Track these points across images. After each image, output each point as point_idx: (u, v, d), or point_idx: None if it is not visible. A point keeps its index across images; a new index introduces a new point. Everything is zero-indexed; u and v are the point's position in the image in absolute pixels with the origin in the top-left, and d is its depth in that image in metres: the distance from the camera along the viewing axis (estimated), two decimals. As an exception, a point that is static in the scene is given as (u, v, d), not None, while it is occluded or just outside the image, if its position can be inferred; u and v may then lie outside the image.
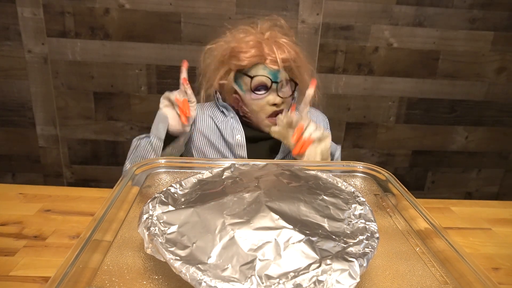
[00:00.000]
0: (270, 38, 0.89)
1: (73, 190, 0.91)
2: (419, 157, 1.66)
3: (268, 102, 0.90)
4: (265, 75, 0.88)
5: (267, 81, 0.89)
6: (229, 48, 0.89)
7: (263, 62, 0.88)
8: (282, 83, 0.90)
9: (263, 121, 0.92)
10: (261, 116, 0.92)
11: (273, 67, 0.88)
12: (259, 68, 0.89)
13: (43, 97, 1.46)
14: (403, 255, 0.47)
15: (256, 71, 0.89)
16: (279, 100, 0.89)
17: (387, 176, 0.68)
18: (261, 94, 0.89)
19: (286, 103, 0.93)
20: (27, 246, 0.69)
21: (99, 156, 1.57)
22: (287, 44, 0.90)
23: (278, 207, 0.45)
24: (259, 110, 0.91)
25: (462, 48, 1.50)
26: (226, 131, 0.94)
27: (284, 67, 0.89)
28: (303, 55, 0.93)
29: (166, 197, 0.50)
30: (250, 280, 0.36)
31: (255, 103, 0.91)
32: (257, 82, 0.89)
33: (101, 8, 1.37)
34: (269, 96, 0.90)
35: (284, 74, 0.90)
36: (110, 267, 0.42)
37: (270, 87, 0.89)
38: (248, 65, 0.89)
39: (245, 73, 0.90)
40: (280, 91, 0.90)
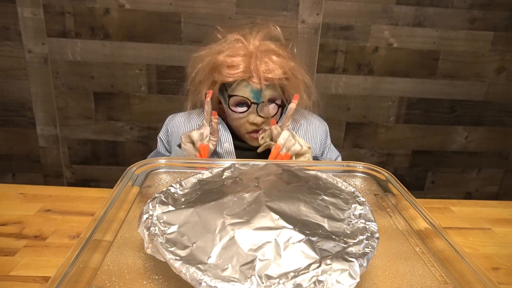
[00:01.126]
0: (259, 54, 0.84)
1: (73, 190, 0.91)
2: (419, 157, 1.66)
3: (248, 120, 0.88)
4: (245, 96, 0.85)
5: (246, 101, 0.86)
6: (216, 61, 0.85)
7: (247, 79, 0.84)
8: (264, 103, 0.86)
9: (244, 135, 0.91)
10: (241, 131, 0.91)
11: (256, 86, 0.84)
12: (242, 85, 0.85)
13: (43, 97, 1.46)
14: (403, 255, 0.47)
15: (237, 89, 0.85)
16: (258, 120, 0.87)
17: (387, 176, 0.68)
18: (241, 112, 0.87)
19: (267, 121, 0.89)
20: (27, 246, 0.69)
21: (99, 156, 1.57)
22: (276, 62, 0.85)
23: (278, 207, 0.45)
24: (239, 126, 0.90)
25: (462, 48, 1.50)
26: None
27: (269, 85, 0.85)
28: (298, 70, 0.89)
29: (166, 197, 0.50)
30: (250, 280, 0.36)
31: (235, 119, 0.89)
32: (237, 100, 0.86)
33: (101, 8, 1.37)
34: (249, 115, 0.87)
35: (269, 93, 0.86)
36: (110, 267, 0.42)
37: (250, 106, 0.86)
38: (232, 81, 0.85)
39: (226, 89, 0.87)
40: (260, 111, 0.87)
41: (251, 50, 0.85)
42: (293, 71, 0.88)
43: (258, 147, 0.91)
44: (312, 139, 0.97)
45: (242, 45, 0.86)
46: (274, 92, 0.87)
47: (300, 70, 0.90)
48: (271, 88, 0.86)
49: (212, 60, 0.86)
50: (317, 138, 0.98)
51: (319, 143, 0.99)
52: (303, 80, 0.90)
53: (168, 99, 1.48)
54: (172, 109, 1.50)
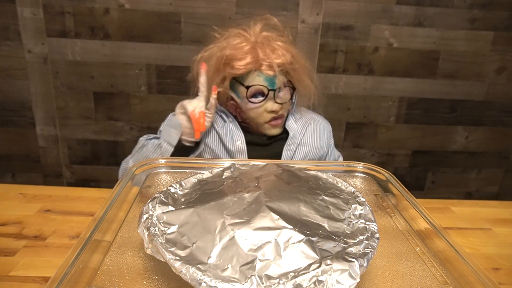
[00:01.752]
0: (264, 42, 0.86)
1: (73, 190, 0.91)
2: (419, 157, 1.66)
3: (266, 109, 0.88)
4: (261, 84, 0.86)
5: (263, 89, 0.87)
6: (223, 56, 0.86)
7: (259, 68, 0.85)
8: (279, 88, 0.88)
9: (262, 126, 0.91)
10: (260, 122, 0.91)
11: (269, 73, 0.86)
12: (255, 75, 0.86)
13: (43, 97, 1.46)
14: (403, 255, 0.47)
15: (251, 79, 0.86)
16: (277, 107, 0.88)
17: (387, 176, 0.68)
18: (258, 101, 0.88)
19: (285, 107, 0.91)
20: (27, 246, 0.69)
21: (99, 156, 1.57)
22: (282, 47, 0.87)
23: (278, 207, 0.45)
24: (257, 117, 0.90)
25: (462, 48, 1.50)
26: (226, 137, 0.92)
27: (280, 71, 0.87)
28: (299, 55, 0.91)
29: (166, 197, 0.50)
30: (250, 280, 0.36)
31: (253, 110, 0.89)
32: (253, 91, 0.87)
33: (101, 8, 1.37)
34: (267, 103, 0.88)
35: (281, 79, 0.88)
36: (110, 267, 0.42)
37: (267, 95, 0.87)
38: (242, 73, 0.86)
39: (241, 82, 0.87)
40: (277, 97, 0.88)
41: (254, 40, 0.87)
42: (296, 56, 0.90)
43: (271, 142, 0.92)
44: (319, 138, 0.99)
45: (244, 37, 0.87)
46: (285, 78, 0.89)
47: (302, 55, 0.92)
48: (282, 74, 0.88)
49: (219, 57, 0.87)
50: (324, 137, 1.00)
51: (326, 142, 1.00)
52: (305, 65, 0.92)
53: (168, 99, 1.48)
54: (172, 109, 1.49)
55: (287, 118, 0.96)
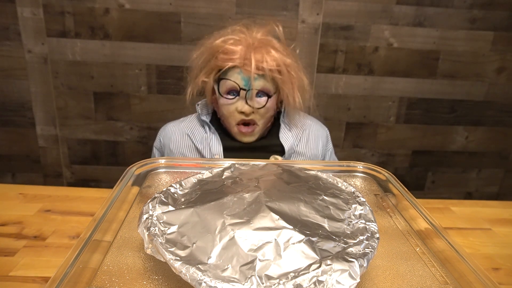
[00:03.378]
0: (259, 45, 0.84)
1: (73, 190, 0.91)
2: (419, 157, 1.66)
3: (237, 108, 0.87)
4: (235, 80, 0.85)
5: (235, 87, 0.85)
6: (215, 47, 0.86)
7: (241, 66, 0.84)
8: (254, 91, 0.85)
9: (233, 128, 0.90)
10: (231, 122, 0.89)
11: (248, 74, 0.84)
12: (235, 72, 0.85)
13: (43, 97, 1.46)
14: (403, 255, 0.47)
15: (229, 74, 0.85)
16: (246, 109, 0.86)
17: (387, 176, 0.68)
18: (230, 98, 0.87)
19: (259, 115, 0.88)
20: (27, 246, 0.69)
21: (99, 156, 1.57)
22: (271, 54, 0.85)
23: (278, 207, 0.45)
24: (228, 115, 0.88)
25: (462, 48, 1.50)
26: (205, 150, 0.90)
27: (261, 75, 0.84)
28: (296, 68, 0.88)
29: (166, 197, 0.50)
30: (250, 281, 0.36)
31: (225, 107, 0.88)
32: (227, 86, 0.86)
33: (101, 8, 1.37)
34: (237, 102, 0.86)
35: (260, 83, 0.85)
36: (110, 267, 0.42)
37: (239, 93, 0.86)
38: (224, 66, 0.85)
39: (220, 76, 0.87)
40: (250, 99, 0.86)
41: (250, 40, 0.85)
42: (288, 67, 0.87)
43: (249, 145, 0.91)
44: (314, 145, 0.96)
45: (243, 35, 0.86)
46: (266, 84, 0.86)
47: (296, 69, 0.89)
48: (263, 79, 0.86)
49: (211, 46, 0.87)
50: (319, 143, 0.98)
51: (321, 149, 0.98)
52: (298, 80, 0.89)
53: (168, 99, 1.48)
54: (172, 109, 1.50)
55: (280, 129, 0.94)
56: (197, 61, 0.90)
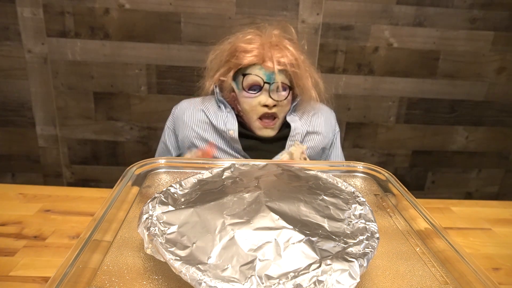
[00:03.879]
0: (274, 42, 0.90)
1: (73, 190, 0.90)
2: (419, 157, 1.66)
3: (260, 102, 0.90)
4: (258, 75, 0.89)
5: (259, 81, 0.89)
6: (233, 47, 0.91)
7: (261, 63, 0.89)
8: (276, 85, 0.90)
9: (254, 122, 0.93)
10: (253, 116, 0.92)
11: (269, 68, 0.89)
12: (256, 68, 0.90)
13: (43, 97, 1.46)
14: (403, 255, 0.47)
15: (251, 71, 0.90)
16: (270, 102, 0.90)
17: (387, 176, 0.68)
18: (253, 93, 0.90)
19: (281, 108, 0.92)
20: (27, 246, 0.69)
21: (99, 156, 1.57)
22: (289, 49, 0.90)
23: (278, 207, 0.45)
24: (250, 110, 0.92)
25: (462, 48, 1.50)
26: (220, 124, 0.93)
27: (281, 70, 0.89)
28: (307, 64, 0.93)
29: (166, 197, 0.50)
30: (250, 280, 0.36)
31: (247, 102, 0.91)
32: (250, 81, 0.90)
33: (101, 8, 1.37)
34: (260, 96, 0.90)
35: (281, 77, 0.90)
36: (110, 267, 0.42)
37: (263, 88, 0.90)
38: (246, 64, 0.89)
39: (242, 72, 0.91)
40: (272, 93, 0.90)
41: (266, 39, 0.90)
42: (303, 63, 0.92)
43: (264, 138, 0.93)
44: (325, 124, 1.00)
45: (258, 36, 0.92)
46: (285, 79, 0.91)
47: (309, 65, 0.94)
48: (283, 74, 0.90)
49: (229, 47, 0.92)
50: (328, 123, 1.02)
51: (331, 130, 1.02)
52: (312, 75, 0.94)
53: (168, 99, 1.48)
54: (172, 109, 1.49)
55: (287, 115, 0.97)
56: (215, 62, 0.95)
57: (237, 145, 0.92)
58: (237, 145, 0.92)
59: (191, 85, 1.47)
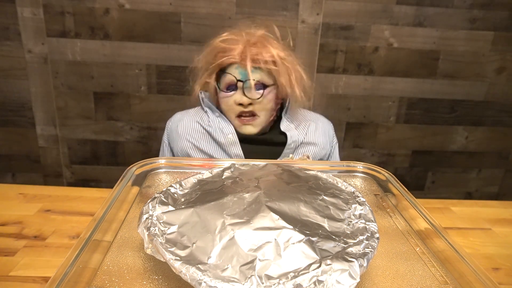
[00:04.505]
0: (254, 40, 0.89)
1: (73, 190, 0.90)
2: (419, 157, 1.66)
3: (235, 101, 0.90)
4: (233, 74, 0.88)
5: (233, 80, 0.89)
6: (214, 49, 0.90)
7: (239, 62, 0.88)
8: (252, 82, 0.88)
9: (234, 121, 0.92)
10: (231, 115, 0.92)
11: (244, 66, 0.87)
12: (233, 67, 0.89)
13: (43, 97, 1.46)
14: (403, 255, 0.47)
15: (228, 70, 0.89)
16: (245, 100, 0.88)
17: (387, 176, 0.68)
18: (229, 92, 0.90)
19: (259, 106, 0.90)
20: (27, 246, 0.69)
21: (99, 156, 1.57)
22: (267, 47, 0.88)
23: (278, 207, 0.45)
24: (228, 109, 0.91)
25: (462, 48, 1.50)
26: (216, 132, 0.92)
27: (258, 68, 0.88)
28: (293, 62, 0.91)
29: (166, 197, 0.50)
30: (250, 280, 0.36)
31: (224, 101, 0.91)
32: (226, 80, 0.90)
33: (101, 8, 1.37)
34: (235, 95, 0.90)
35: (257, 75, 0.88)
36: (110, 267, 0.42)
37: (237, 86, 0.89)
38: (224, 63, 0.89)
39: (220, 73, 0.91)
40: (247, 90, 0.88)
41: (247, 38, 0.89)
42: (283, 59, 0.90)
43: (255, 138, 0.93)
44: (323, 136, 0.99)
45: (239, 35, 0.91)
46: (263, 76, 0.89)
47: (293, 62, 0.91)
48: (260, 71, 0.89)
49: (210, 49, 0.91)
50: (326, 135, 1.00)
51: (329, 141, 1.01)
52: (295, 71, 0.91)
53: (168, 99, 1.48)
54: (172, 109, 1.49)
55: (281, 121, 0.95)
56: (200, 63, 0.94)
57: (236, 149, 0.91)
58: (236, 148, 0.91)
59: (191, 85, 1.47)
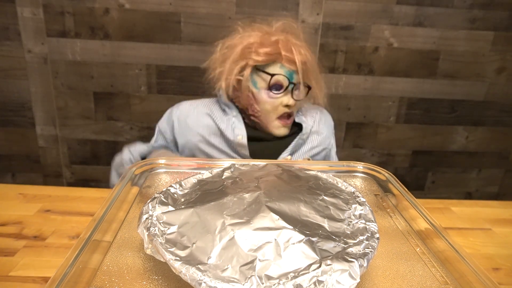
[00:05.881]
0: (285, 39, 0.88)
1: (73, 190, 0.90)
2: (419, 157, 1.66)
3: (282, 103, 0.89)
4: (283, 74, 0.87)
5: (284, 81, 0.88)
6: (247, 43, 0.88)
7: (280, 61, 0.87)
8: (297, 85, 0.89)
9: (273, 122, 0.91)
10: (272, 116, 0.91)
11: (290, 67, 0.87)
12: (276, 66, 0.87)
13: (43, 97, 1.46)
14: (403, 255, 0.47)
15: (274, 70, 0.87)
16: (292, 102, 0.89)
17: (387, 176, 0.68)
18: (277, 93, 0.89)
19: (296, 107, 0.93)
20: (27, 246, 0.69)
21: (99, 156, 1.57)
22: (302, 46, 0.89)
23: (278, 207, 0.45)
24: (272, 110, 0.90)
25: (462, 48, 1.50)
26: (228, 130, 0.92)
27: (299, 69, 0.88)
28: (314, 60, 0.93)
29: (166, 197, 0.50)
30: (250, 281, 0.36)
31: (269, 102, 0.89)
32: (275, 81, 0.88)
33: (101, 8, 1.37)
34: (284, 97, 0.89)
35: (299, 76, 0.89)
36: (110, 268, 0.42)
37: (286, 88, 0.88)
38: (265, 61, 0.87)
39: (263, 70, 0.88)
40: (294, 93, 0.89)
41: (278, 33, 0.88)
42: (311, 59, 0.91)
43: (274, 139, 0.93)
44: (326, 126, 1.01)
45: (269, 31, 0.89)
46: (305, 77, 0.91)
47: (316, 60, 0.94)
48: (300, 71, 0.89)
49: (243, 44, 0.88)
50: (329, 125, 1.03)
51: (330, 131, 1.03)
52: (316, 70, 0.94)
53: (168, 99, 1.48)
54: (172, 109, 1.50)
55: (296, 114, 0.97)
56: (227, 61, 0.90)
57: (244, 150, 0.91)
58: (244, 150, 0.91)
59: (191, 85, 1.47)
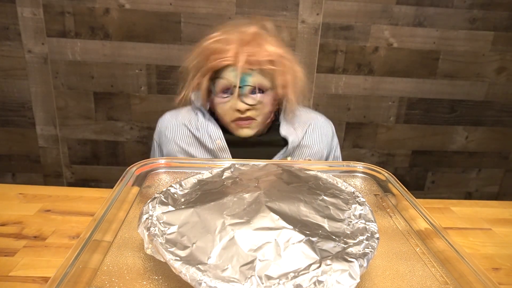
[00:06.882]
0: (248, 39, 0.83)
1: (73, 190, 0.90)
2: (419, 157, 1.66)
3: (232, 107, 0.86)
4: (228, 78, 0.84)
5: (229, 85, 0.84)
6: (206, 48, 0.85)
7: (234, 65, 0.83)
8: (248, 89, 0.84)
9: (230, 125, 0.89)
10: (227, 120, 0.88)
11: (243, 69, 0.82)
12: (229, 70, 0.84)
13: (43, 97, 1.46)
14: (403, 255, 0.47)
15: (224, 74, 0.84)
16: (241, 106, 0.84)
17: (387, 176, 0.68)
18: (224, 98, 0.86)
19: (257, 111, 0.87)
20: (27, 246, 0.69)
21: (99, 156, 1.57)
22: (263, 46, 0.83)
23: (278, 207, 0.45)
24: (224, 114, 0.88)
25: (462, 48, 1.50)
26: (204, 137, 0.89)
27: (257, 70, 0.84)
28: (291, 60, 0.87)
29: (166, 197, 0.50)
30: (250, 281, 0.36)
31: (220, 106, 0.87)
32: (221, 85, 0.85)
33: (101, 8, 1.37)
34: (231, 101, 0.85)
35: (256, 79, 0.84)
36: (110, 268, 0.42)
37: (234, 91, 0.85)
38: (217, 66, 0.84)
39: (217, 76, 0.86)
40: (245, 97, 0.85)
41: (241, 37, 0.84)
42: (281, 57, 0.85)
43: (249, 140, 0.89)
44: (319, 139, 0.95)
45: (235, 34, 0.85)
46: (262, 80, 0.85)
47: (291, 60, 0.88)
48: (258, 74, 0.84)
49: (203, 48, 0.86)
50: (324, 137, 0.96)
51: (326, 143, 0.97)
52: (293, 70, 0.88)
53: (168, 99, 1.48)
54: (172, 109, 1.49)
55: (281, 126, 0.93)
56: (191, 64, 0.90)
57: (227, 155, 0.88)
58: (227, 154, 0.88)
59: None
